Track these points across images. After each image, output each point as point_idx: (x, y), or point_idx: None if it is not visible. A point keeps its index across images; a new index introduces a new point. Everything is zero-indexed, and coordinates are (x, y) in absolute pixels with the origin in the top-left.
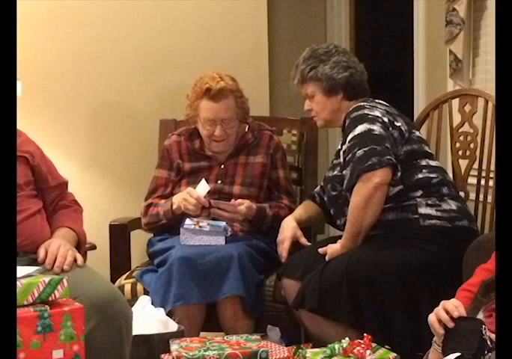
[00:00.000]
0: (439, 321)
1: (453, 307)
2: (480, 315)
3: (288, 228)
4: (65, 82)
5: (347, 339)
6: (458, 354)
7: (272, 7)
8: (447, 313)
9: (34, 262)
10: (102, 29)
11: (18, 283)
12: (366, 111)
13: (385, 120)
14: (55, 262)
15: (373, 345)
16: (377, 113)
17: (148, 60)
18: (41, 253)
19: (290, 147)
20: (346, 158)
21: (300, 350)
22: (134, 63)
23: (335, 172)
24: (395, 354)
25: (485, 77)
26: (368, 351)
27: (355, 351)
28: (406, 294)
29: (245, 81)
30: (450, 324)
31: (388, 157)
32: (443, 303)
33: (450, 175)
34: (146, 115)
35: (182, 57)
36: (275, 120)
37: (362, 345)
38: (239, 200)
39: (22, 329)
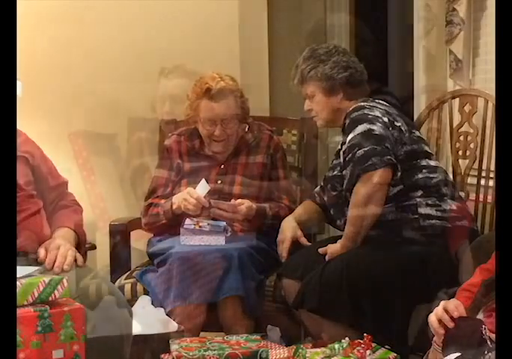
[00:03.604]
0: (439, 321)
1: (453, 307)
2: (480, 316)
3: (288, 228)
4: (65, 82)
5: (347, 339)
6: (458, 354)
7: (272, 7)
8: (447, 312)
9: (34, 262)
10: (103, 29)
11: (18, 283)
12: (366, 111)
13: (385, 120)
14: (55, 262)
15: (373, 345)
16: (377, 113)
17: (148, 61)
18: (41, 253)
19: (290, 147)
20: (346, 158)
21: (300, 350)
22: (134, 63)
23: (335, 172)
24: (395, 354)
25: (485, 77)
26: (368, 351)
27: (355, 351)
28: (406, 294)
29: (245, 81)
30: (450, 324)
31: (388, 157)
32: (443, 303)
33: (450, 175)
34: (146, 115)
35: (181, 57)
36: (275, 120)
37: (362, 345)
38: (239, 200)
39: (22, 329)
